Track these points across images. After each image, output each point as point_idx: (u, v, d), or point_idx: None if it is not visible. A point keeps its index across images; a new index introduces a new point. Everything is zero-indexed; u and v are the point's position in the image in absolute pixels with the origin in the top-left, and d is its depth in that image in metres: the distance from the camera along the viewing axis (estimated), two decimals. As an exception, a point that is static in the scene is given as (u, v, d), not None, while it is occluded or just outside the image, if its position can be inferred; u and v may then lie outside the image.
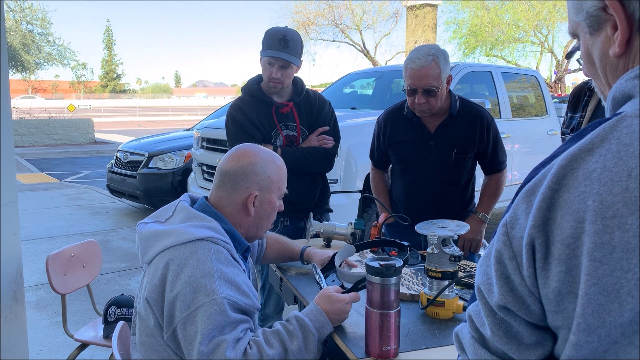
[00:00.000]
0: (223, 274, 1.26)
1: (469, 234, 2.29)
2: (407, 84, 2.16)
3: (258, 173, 1.42)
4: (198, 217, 1.36)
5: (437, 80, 2.10)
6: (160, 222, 1.39)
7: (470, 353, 0.69)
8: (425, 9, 13.45)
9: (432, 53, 2.09)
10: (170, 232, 1.31)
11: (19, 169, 10.38)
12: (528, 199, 0.60)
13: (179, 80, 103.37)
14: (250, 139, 2.31)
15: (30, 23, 19.87)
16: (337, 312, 1.35)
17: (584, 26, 0.64)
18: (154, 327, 1.28)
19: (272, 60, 2.33)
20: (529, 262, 0.59)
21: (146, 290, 1.29)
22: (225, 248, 1.32)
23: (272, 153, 1.51)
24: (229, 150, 1.54)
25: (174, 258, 1.26)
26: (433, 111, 2.19)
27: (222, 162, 1.46)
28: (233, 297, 1.24)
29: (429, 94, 2.12)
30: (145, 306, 1.28)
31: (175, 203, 1.45)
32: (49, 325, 3.37)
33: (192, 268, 1.24)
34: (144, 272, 1.36)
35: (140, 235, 1.37)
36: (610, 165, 0.53)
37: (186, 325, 1.21)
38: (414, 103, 2.17)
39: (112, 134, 19.76)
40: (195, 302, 1.21)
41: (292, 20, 22.35)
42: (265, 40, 2.35)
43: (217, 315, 1.20)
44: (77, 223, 6.17)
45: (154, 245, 1.32)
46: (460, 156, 2.26)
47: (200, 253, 1.26)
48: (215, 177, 1.47)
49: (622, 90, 0.59)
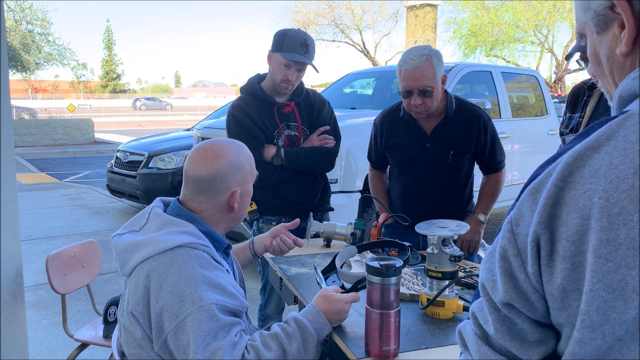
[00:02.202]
0: (207, 278, 1.23)
1: (468, 234, 2.29)
2: (402, 86, 2.14)
3: (234, 171, 1.39)
4: (173, 223, 1.32)
5: (432, 80, 2.09)
6: (135, 231, 1.35)
7: (473, 350, 0.69)
8: (425, 9, 13.46)
9: (425, 53, 2.08)
10: (147, 242, 1.27)
11: (19, 169, 10.38)
12: (534, 196, 0.60)
13: (179, 80, 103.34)
14: (253, 139, 2.30)
15: (30, 23, 19.85)
16: (336, 312, 1.34)
17: (592, 25, 0.64)
18: (142, 339, 1.25)
19: (291, 64, 2.32)
20: (533, 259, 0.59)
21: (130, 303, 1.26)
22: (205, 251, 1.29)
23: (237, 142, 1.45)
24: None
25: (154, 269, 1.23)
26: (430, 112, 2.17)
27: (192, 167, 1.37)
28: (220, 301, 1.22)
29: (425, 94, 2.10)
30: (131, 319, 1.26)
31: (148, 209, 1.40)
32: (49, 325, 3.37)
33: (175, 277, 1.21)
34: (125, 284, 1.34)
35: (117, 247, 1.33)
36: (617, 162, 0.53)
37: (177, 335, 1.19)
38: (410, 105, 2.15)
39: (112, 134, 19.76)
40: (182, 311, 1.19)
41: (292, 20, 22.38)
42: (286, 42, 2.32)
43: (207, 321, 1.18)
44: (77, 223, 6.16)
45: (132, 257, 1.28)
46: (457, 158, 2.25)
47: (181, 260, 1.24)
48: (187, 184, 1.39)
49: (628, 88, 0.60)
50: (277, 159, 2.35)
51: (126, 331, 1.29)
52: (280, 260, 1.98)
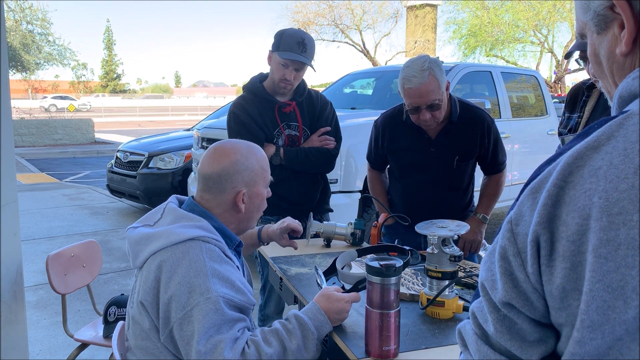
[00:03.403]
0: (216, 272, 1.25)
1: (469, 234, 2.29)
2: (407, 103, 2.10)
3: (241, 171, 1.40)
4: (187, 217, 1.35)
5: (438, 92, 2.04)
6: (149, 225, 1.38)
7: (473, 350, 0.69)
8: (425, 9, 13.48)
9: (426, 68, 2.01)
10: (161, 234, 1.30)
11: (19, 169, 10.38)
12: (533, 196, 0.60)
13: (179, 80, 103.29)
14: (253, 138, 2.29)
15: (30, 23, 19.85)
16: (337, 312, 1.34)
17: (591, 25, 0.64)
18: (150, 330, 1.27)
19: (289, 63, 2.31)
20: (533, 259, 0.59)
21: (140, 293, 1.28)
22: (217, 246, 1.32)
23: (250, 144, 1.47)
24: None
25: (166, 260, 1.26)
26: (439, 122, 2.15)
27: (202, 165, 1.42)
28: (228, 295, 1.24)
29: (433, 108, 2.06)
30: (140, 309, 1.28)
31: (163, 206, 1.43)
32: (49, 325, 3.37)
33: (185, 268, 1.24)
34: (136, 277, 1.36)
35: (130, 239, 1.36)
36: (617, 162, 0.53)
37: (182, 325, 1.21)
38: (419, 120, 2.11)
39: (112, 134, 19.76)
40: (190, 302, 1.21)
41: (292, 20, 22.37)
42: (283, 41, 2.32)
43: (212, 313, 1.20)
44: (77, 223, 6.17)
45: (144, 249, 1.31)
46: (462, 163, 2.24)
47: (192, 253, 1.26)
48: (198, 181, 1.43)
49: (628, 88, 0.60)
50: (276, 158, 2.35)
51: (134, 322, 1.31)
52: (280, 260, 1.98)
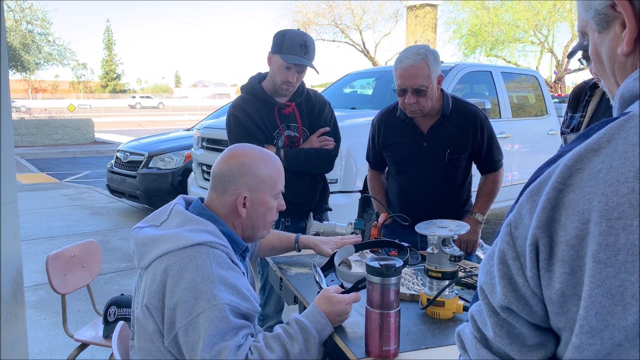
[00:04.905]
0: (223, 278, 1.25)
1: (465, 234, 2.28)
2: (397, 84, 2.16)
3: (246, 174, 1.40)
4: (195, 221, 1.34)
5: (427, 79, 2.09)
6: (155, 225, 1.37)
7: (472, 353, 0.69)
8: (425, 9, 13.48)
9: (421, 53, 2.08)
10: (168, 237, 1.29)
11: (19, 169, 10.38)
12: (532, 199, 0.59)
13: (179, 80, 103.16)
14: (252, 139, 2.29)
15: (30, 23, 19.84)
16: (338, 314, 1.34)
17: (593, 24, 0.64)
18: (154, 333, 1.27)
19: (291, 65, 2.31)
20: (532, 263, 0.58)
21: (145, 296, 1.27)
22: (224, 252, 1.31)
23: (266, 152, 1.47)
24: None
25: (172, 264, 1.25)
26: (424, 112, 2.18)
27: (215, 163, 1.45)
28: (234, 302, 1.24)
29: (419, 93, 2.11)
30: (145, 312, 1.27)
31: (169, 206, 1.42)
32: (49, 325, 3.37)
33: (192, 274, 1.23)
34: (140, 277, 1.35)
35: (137, 240, 1.35)
36: (617, 165, 0.53)
37: (188, 331, 1.21)
38: (405, 103, 2.16)
39: (112, 134, 19.76)
40: (196, 309, 1.20)
41: (292, 20, 22.38)
42: (285, 44, 2.31)
43: (218, 321, 1.20)
44: (77, 223, 6.16)
45: (150, 251, 1.30)
46: (454, 156, 2.25)
47: (199, 258, 1.25)
48: (210, 179, 1.47)
49: (630, 89, 0.59)
50: None
51: (139, 325, 1.31)
52: (280, 260, 1.98)
